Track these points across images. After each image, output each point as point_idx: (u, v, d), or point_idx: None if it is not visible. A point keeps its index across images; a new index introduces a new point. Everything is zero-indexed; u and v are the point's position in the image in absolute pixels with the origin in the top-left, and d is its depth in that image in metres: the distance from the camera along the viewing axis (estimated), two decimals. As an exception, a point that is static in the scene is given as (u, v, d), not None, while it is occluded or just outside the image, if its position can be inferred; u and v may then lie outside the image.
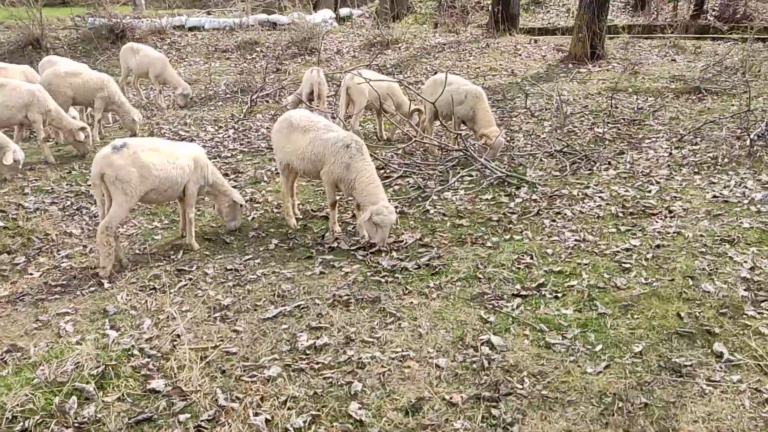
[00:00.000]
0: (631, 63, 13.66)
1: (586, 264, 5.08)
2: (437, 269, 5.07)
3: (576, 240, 5.62)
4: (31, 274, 5.36)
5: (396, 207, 6.54)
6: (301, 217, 6.41)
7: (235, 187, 7.38)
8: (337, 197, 5.98)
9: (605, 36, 14.46)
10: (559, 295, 4.58)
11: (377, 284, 4.86)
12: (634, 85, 12.18)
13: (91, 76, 8.88)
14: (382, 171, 7.90)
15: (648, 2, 19.71)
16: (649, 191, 6.86)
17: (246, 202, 6.90)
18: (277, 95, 11.96)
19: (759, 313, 4.19)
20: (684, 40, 16.00)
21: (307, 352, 3.94)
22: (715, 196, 6.55)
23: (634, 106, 10.61)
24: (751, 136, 7.81)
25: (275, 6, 20.29)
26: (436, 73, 13.87)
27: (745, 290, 4.50)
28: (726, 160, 7.57)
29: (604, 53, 14.26)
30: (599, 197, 6.77)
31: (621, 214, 6.24)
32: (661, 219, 6.07)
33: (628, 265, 5.02)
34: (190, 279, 4.97)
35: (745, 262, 4.95)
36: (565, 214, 6.29)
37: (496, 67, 14.32)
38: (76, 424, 3.37)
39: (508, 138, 9.06)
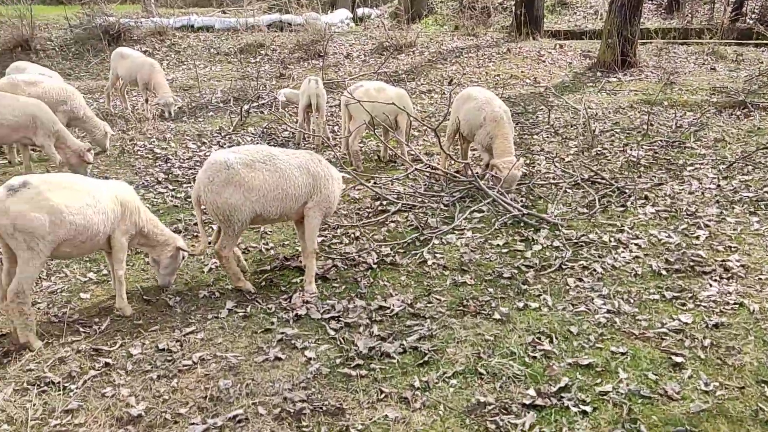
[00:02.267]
0: (666, 72, 12.29)
1: (623, 354, 3.86)
2: (427, 357, 3.89)
3: (609, 311, 4.40)
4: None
5: (387, 256, 5.40)
6: (268, 268, 5.25)
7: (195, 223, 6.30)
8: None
9: (638, 42, 13.10)
10: (588, 408, 3.37)
11: (345, 381, 3.68)
12: (670, 97, 10.83)
13: (52, 86, 7.85)
14: (377, 203, 6.76)
15: (682, 3, 18.20)
16: (697, 237, 5.63)
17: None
18: (274, 105, 10.85)
19: None
20: (724, 46, 14.54)
21: None
22: (781, 248, 5.30)
23: (672, 123, 9.31)
24: (819, 168, 6.51)
25: (290, 6, 19.16)
26: (451, 81, 12.69)
27: None
28: (789, 197, 6.30)
29: (636, 61, 12.92)
30: (635, 245, 5.54)
31: (664, 272, 5.01)
32: (715, 281, 4.83)
33: (680, 359, 3.79)
34: (106, 365, 3.83)
35: (839, 357, 3.72)
36: (594, 270, 5.07)
37: (518, 75, 13.04)
38: None
39: (528, 161, 7.85)
